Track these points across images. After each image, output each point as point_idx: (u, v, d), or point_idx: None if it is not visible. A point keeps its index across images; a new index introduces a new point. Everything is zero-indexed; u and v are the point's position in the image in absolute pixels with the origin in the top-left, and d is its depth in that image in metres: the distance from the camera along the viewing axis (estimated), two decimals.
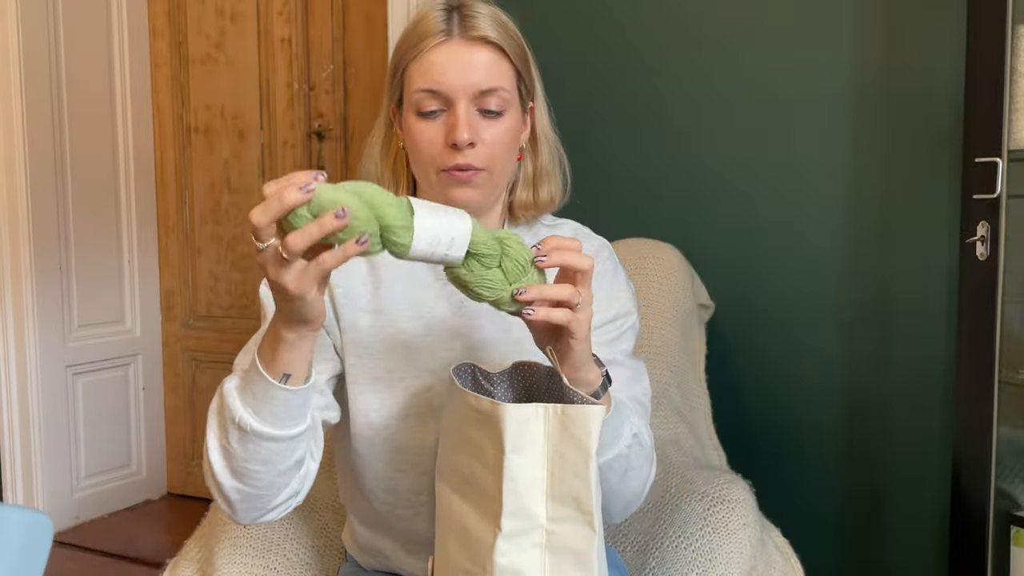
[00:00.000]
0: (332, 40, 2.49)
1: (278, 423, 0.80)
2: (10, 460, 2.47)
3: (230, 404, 0.81)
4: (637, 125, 1.82)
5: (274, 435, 0.80)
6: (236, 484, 0.83)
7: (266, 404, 0.80)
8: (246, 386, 0.81)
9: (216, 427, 0.83)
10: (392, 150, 1.01)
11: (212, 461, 0.83)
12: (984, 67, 1.30)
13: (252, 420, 0.80)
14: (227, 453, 0.82)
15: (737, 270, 1.75)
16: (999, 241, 1.30)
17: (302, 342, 0.79)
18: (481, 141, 0.92)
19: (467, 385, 0.89)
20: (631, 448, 0.90)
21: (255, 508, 0.86)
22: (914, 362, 1.62)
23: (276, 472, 0.83)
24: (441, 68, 0.90)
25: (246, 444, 0.81)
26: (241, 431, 0.80)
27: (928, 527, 1.62)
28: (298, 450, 0.84)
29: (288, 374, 0.79)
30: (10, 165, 2.40)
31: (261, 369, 0.79)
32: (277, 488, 0.85)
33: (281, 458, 0.82)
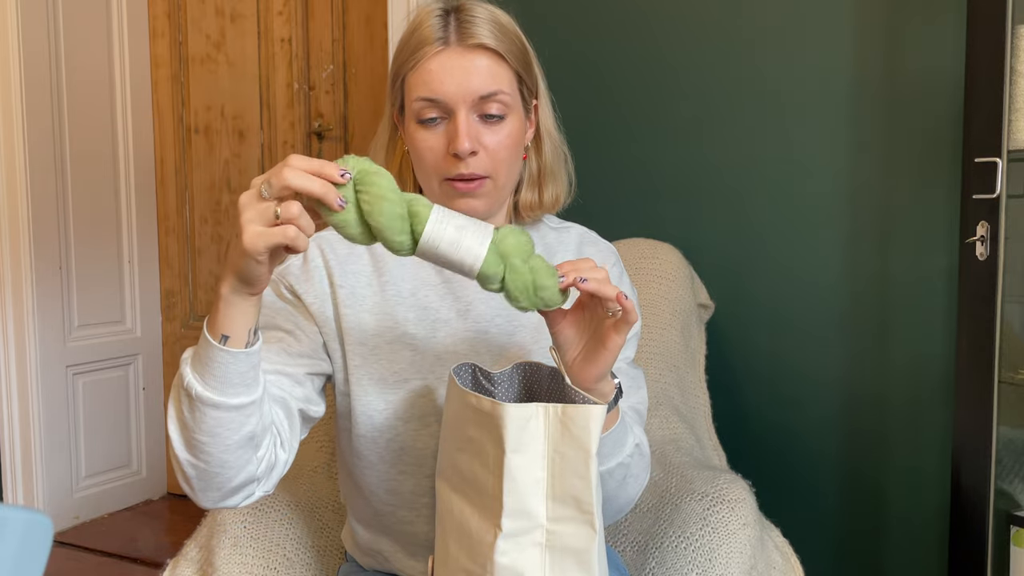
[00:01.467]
0: (332, 40, 2.49)
1: (221, 389, 0.79)
2: (10, 460, 2.47)
3: (182, 370, 0.80)
4: (637, 125, 1.82)
5: (216, 402, 0.79)
6: (190, 458, 0.82)
7: (208, 367, 0.78)
8: (196, 351, 0.80)
9: (174, 397, 0.83)
10: (397, 155, 1.01)
11: (170, 434, 0.83)
12: (984, 67, 1.30)
13: (197, 385, 0.79)
14: (182, 423, 0.82)
15: (737, 270, 1.75)
16: (999, 241, 1.30)
17: (239, 302, 0.77)
18: (483, 148, 0.91)
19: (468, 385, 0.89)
20: (632, 457, 0.91)
21: (212, 487, 0.84)
22: (914, 362, 1.62)
23: (223, 446, 0.81)
24: (439, 77, 0.90)
25: (194, 412, 0.80)
26: (189, 398, 0.79)
27: (928, 527, 1.62)
28: (247, 424, 0.81)
29: (226, 336, 0.78)
30: (10, 165, 2.40)
31: (205, 332, 0.79)
32: (230, 466, 0.82)
33: (227, 430, 0.80)
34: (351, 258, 0.99)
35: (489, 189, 0.93)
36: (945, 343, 1.58)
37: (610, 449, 0.88)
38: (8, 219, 2.41)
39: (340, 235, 0.76)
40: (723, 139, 1.75)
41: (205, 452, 0.81)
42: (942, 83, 1.56)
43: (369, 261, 1.00)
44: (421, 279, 1.00)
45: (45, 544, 0.49)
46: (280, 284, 0.97)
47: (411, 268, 1.00)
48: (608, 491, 0.91)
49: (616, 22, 1.83)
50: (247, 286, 0.76)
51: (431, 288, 1.00)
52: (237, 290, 0.77)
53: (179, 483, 0.86)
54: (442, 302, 0.99)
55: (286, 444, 0.88)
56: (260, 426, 0.83)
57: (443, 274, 1.00)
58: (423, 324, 0.98)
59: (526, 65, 0.96)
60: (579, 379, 0.82)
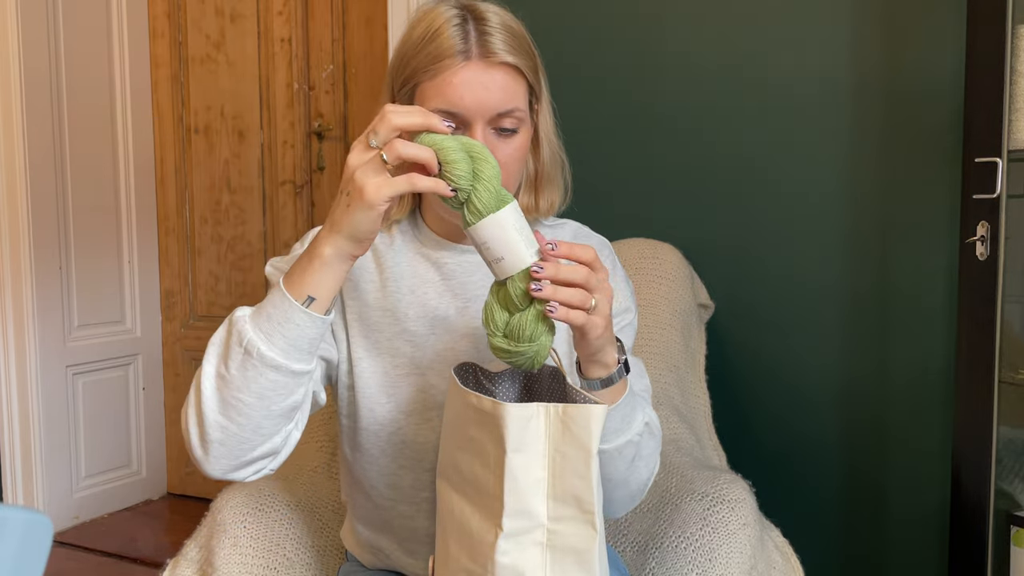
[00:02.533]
0: (332, 40, 2.49)
1: (288, 352, 0.79)
2: (10, 460, 2.47)
3: (239, 328, 0.79)
4: (637, 125, 1.82)
5: (279, 364, 0.78)
6: (221, 419, 0.79)
7: (281, 327, 0.78)
8: (261, 309, 0.79)
9: (216, 355, 0.80)
10: None
11: (203, 390, 0.79)
12: (984, 67, 1.30)
13: (261, 343, 0.78)
14: (223, 381, 0.79)
15: (737, 270, 1.75)
16: (999, 241, 1.30)
17: (339, 263, 0.79)
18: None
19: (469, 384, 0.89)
20: (642, 436, 0.91)
21: (231, 455, 0.81)
22: (914, 362, 1.62)
23: (266, 412, 0.80)
24: (459, 92, 0.89)
25: (246, 370, 0.78)
26: (247, 354, 0.78)
27: (928, 527, 1.62)
28: (296, 393, 0.81)
29: (313, 297, 0.79)
30: (10, 165, 2.40)
31: (284, 290, 0.79)
32: (262, 433, 0.81)
33: (278, 395, 0.79)
34: None
35: None
36: (945, 343, 1.58)
37: (618, 424, 0.87)
38: (8, 219, 2.41)
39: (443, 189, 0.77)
40: (723, 139, 1.75)
41: (244, 415, 0.79)
42: (942, 83, 1.56)
43: (370, 256, 1.01)
44: (420, 276, 1.00)
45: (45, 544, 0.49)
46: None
47: (410, 265, 1.00)
48: (619, 474, 0.91)
49: (617, 22, 1.83)
50: (356, 245, 0.78)
51: (431, 285, 1.00)
52: (342, 252, 0.78)
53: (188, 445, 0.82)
54: (441, 299, 0.99)
55: (300, 423, 0.87)
56: (303, 397, 0.83)
57: (442, 271, 1.00)
58: (423, 320, 0.98)
59: (536, 75, 0.97)
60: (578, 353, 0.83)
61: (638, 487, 0.95)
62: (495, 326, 0.78)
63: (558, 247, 0.78)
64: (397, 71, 0.95)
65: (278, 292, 0.79)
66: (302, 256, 0.80)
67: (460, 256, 1.01)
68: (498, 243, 0.77)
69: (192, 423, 0.81)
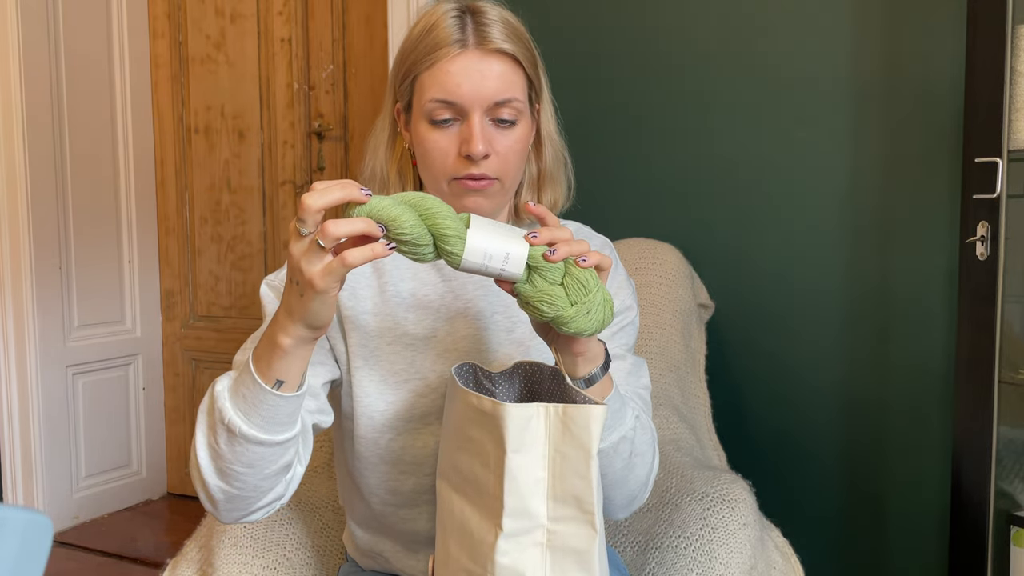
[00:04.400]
0: (332, 40, 2.49)
1: (267, 428, 0.80)
2: (10, 460, 2.47)
3: (220, 405, 0.80)
4: (638, 125, 1.82)
5: (262, 439, 0.80)
6: (221, 484, 0.82)
7: (256, 408, 0.79)
8: (238, 388, 0.80)
9: (205, 426, 0.82)
10: (397, 151, 1.01)
11: (199, 459, 0.82)
12: (984, 67, 1.30)
13: (241, 423, 0.79)
14: (214, 453, 0.81)
15: (737, 270, 1.75)
16: (999, 241, 1.30)
17: (301, 349, 0.79)
18: (494, 152, 0.92)
19: (469, 385, 0.89)
20: (635, 431, 0.90)
21: (238, 509, 0.85)
22: (914, 362, 1.62)
23: (262, 476, 0.82)
24: (456, 79, 0.90)
25: (233, 446, 0.80)
26: (230, 433, 0.79)
27: (928, 527, 1.62)
28: (286, 455, 0.83)
29: (281, 381, 0.79)
30: (10, 165, 2.40)
31: (254, 373, 0.78)
32: (262, 491, 0.84)
33: (267, 462, 0.82)
34: None
35: (497, 190, 0.94)
36: (945, 343, 1.58)
37: (610, 420, 0.87)
38: (8, 219, 2.41)
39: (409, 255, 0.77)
40: (723, 139, 1.75)
41: (240, 480, 0.82)
42: (942, 83, 1.56)
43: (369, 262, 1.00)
44: (420, 279, 1.00)
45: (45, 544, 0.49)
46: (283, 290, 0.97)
47: (409, 268, 1.00)
48: (616, 473, 0.91)
49: (617, 22, 1.83)
50: (315, 331, 0.78)
51: (430, 287, 1.00)
52: (302, 339, 0.78)
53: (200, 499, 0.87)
54: (442, 301, 0.99)
55: (303, 459, 0.89)
56: (294, 455, 0.85)
57: (442, 272, 1.00)
58: (423, 324, 0.98)
59: (535, 70, 0.97)
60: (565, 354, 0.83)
61: (637, 486, 0.94)
62: (558, 305, 0.77)
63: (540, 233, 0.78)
64: (397, 67, 0.96)
65: (248, 375, 0.79)
66: (265, 337, 0.79)
67: None
68: (495, 247, 0.76)
69: (197, 483, 0.85)
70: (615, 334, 0.99)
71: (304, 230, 0.72)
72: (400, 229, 0.74)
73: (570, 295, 0.78)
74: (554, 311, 0.77)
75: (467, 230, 0.76)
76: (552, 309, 0.77)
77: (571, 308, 0.77)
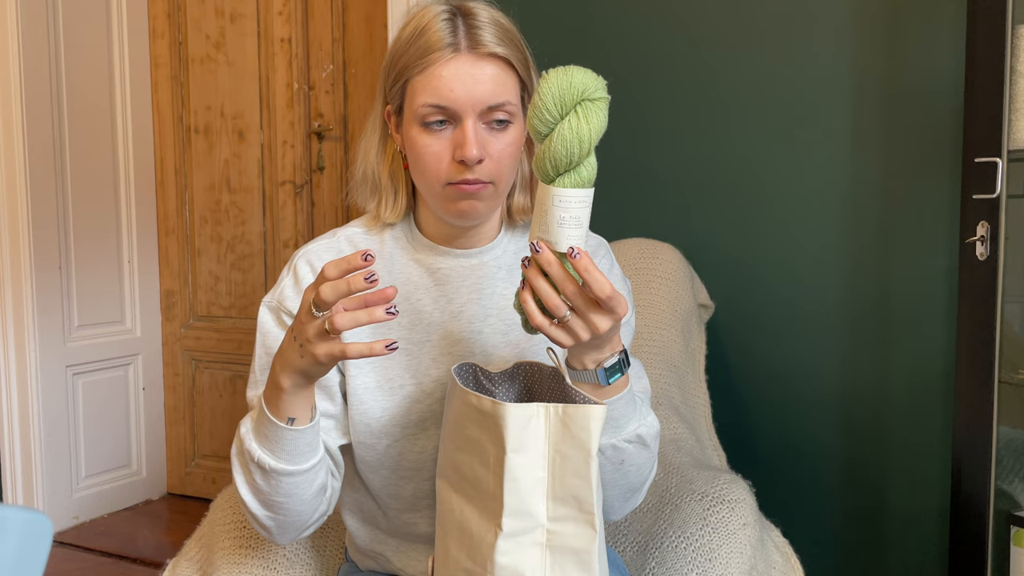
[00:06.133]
0: (332, 40, 2.49)
1: (293, 459, 0.87)
2: (10, 460, 2.47)
3: (247, 447, 0.88)
4: (637, 125, 1.82)
5: (292, 470, 0.87)
6: (269, 514, 0.91)
7: (279, 444, 0.86)
8: (259, 428, 0.88)
9: (240, 467, 0.91)
10: (388, 154, 1.01)
11: (243, 498, 0.91)
12: (984, 67, 1.30)
13: (270, 459, 0.87)
14: (254, 489, 0.90)
15: (737, 270, 1.75)
16: (999, 241, 1.30)
17: (301, 391, 0.85)
18: (488, 156, 0.91)
19: (469, 385, 0.89)
20: (632, 444, 0.90)
21: (291, 531, 0.93)
22: (914, 362, 1.62)
23: (301, 501, 0.90)
24: (449, 84, 0.89)
25: (269, 480, 0.88)
26: (262, 470, 0.88)
27: (928, 527, 1.62)
28: (318, 478, 0.91)
29: (292, 418, 0.86)
30: (10, 165, 2.40)
31: (268, 414, 0.86)
32: (307, 513, 0.92)
33: (303, 488, 0.89)
34: None
35: (491, 193, 0.93)
36: (945, 343, 1.58)
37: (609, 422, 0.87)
38: (8, 219, 2.41)
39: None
40: (723, 139, 1.75)
41: (284, 508, 0.91)
42: (942, 83, 1.56)
43: None
44: (414, 283, 0.99)
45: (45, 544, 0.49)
46: (282, 312, 0.98)
47: (403, 272, 1.00)
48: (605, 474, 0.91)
49: (615, 23, 1.83)
50: (311, 380, 0.85)
51: (424, 291, 0.99)
52: (299, 384, 0.85)
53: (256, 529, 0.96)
54: (435, 305, 0.99)
55: (337, 474, 0.98)
56: (326, 473, 0.93)
57: (436, 276, 0.99)
58: (417, 328, 0.98)
59: (528, 72, 0.96)
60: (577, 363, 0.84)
61: (629, 489, 0.94)
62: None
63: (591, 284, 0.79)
64: (388, 70, 0.95)
65: (264, 415, 0.87)
66: (269, 383, 0.86)
67: (454, 261, 1.00)
68: None
69: (248, 516, 0.93)
70: None
71: (319, 315, 0.78)
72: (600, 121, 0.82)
73: None
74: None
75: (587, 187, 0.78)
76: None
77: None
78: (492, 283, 1.00)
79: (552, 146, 0.77)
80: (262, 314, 0.98)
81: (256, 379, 0.97)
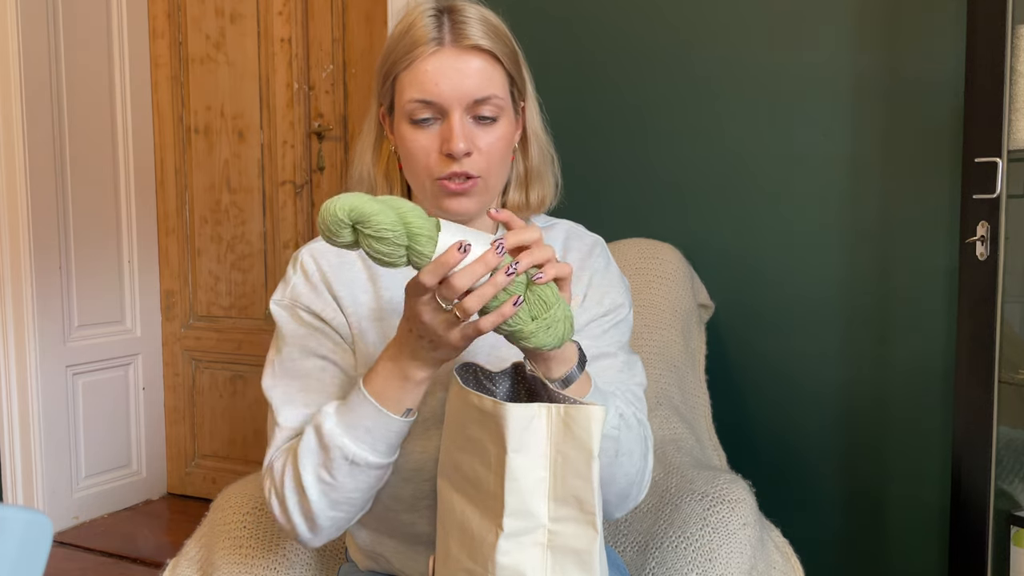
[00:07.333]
0: (332, 40, 2.49)
1: (391, 451, 0.88)
2: (10, 460, 2.47)
3: (340, 443, 0.86)
4: (636, 125, 1.82)
5: (384, 464, 0.88)
6: (333, 514, 0.89)
7: (385, 438, 0.86)
8: (358, 423, 0.86)
9: (315, 464, 0.88)
10: (383, 154, 1.01)
11: (310, 497, 0.88)
12: (984, 67, 1.30)
13: (370, 454, 0.86)
14: (329, 487, 0.88)
15: (737, 270, 1.75)
16: (999, 241, 1.30)
17: (428, 380, 0.86)
18: (476, 149, 0.91)
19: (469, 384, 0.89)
20: (619, 430, 0.89)
21: (337, 530, 0.92)
22: (914, 362, 1.62)
23: (369, 495, 0.91)
24: (434, 78, 0.89)
25: (355, 477, 0.87)
26: (354, 465, 0.86)
27: (928, 527, 1.62)
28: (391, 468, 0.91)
29: (410, 409, 0.87)
30: (10, 165, 2.40)
31: (383, 409, 0.85)
32: (362, 508, 0.92)
33: (381, 480, 0.90)
34: (344, 266, 0.99)
35: (480, 189, 0.93)
36: (945, 343, 1.58)
37: None
38: (8, 219, 2.41)
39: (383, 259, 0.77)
40: (723, 139, 1.75)
41: (352, 504, 0.90)
42: (942, 83, 1.56)
43: (362, 268, 1.00)
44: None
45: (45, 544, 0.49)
46: (297, 308, 0.97)
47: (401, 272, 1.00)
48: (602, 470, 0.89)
49: (615, 21, 1.83)
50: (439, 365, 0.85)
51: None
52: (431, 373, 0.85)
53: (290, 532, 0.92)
54: None
55: None
56: None
57: None
58: None
59: (517, 67, 0.96)
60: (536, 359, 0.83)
61: (627, 484, 0.93)
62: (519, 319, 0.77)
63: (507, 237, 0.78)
64: (379, 70, 0.96)
65: (373, 409, 0.86)
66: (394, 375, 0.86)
67: None
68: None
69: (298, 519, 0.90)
70: (607, 331, 0.99)
71: (446, 305, 0.78)
72: (381, 226, 0.74)
73: (531, 310, 0.77)
74: (514, 325, 0.77)
75: (438, 232, 0.76)
76: (512, 323, 0.77)
77: (531, 323, 0.77)
78: None
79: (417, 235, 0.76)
80: (276, 313, 0.98)
81: (275, 370, 0.96)
